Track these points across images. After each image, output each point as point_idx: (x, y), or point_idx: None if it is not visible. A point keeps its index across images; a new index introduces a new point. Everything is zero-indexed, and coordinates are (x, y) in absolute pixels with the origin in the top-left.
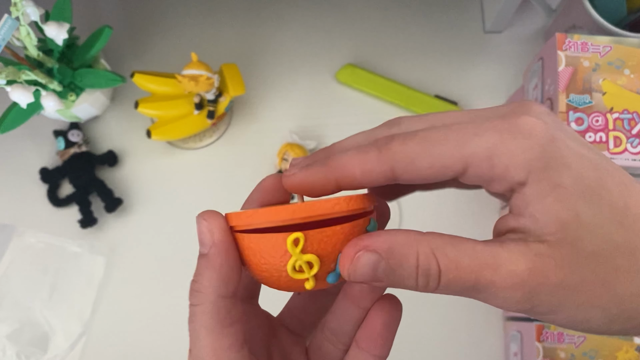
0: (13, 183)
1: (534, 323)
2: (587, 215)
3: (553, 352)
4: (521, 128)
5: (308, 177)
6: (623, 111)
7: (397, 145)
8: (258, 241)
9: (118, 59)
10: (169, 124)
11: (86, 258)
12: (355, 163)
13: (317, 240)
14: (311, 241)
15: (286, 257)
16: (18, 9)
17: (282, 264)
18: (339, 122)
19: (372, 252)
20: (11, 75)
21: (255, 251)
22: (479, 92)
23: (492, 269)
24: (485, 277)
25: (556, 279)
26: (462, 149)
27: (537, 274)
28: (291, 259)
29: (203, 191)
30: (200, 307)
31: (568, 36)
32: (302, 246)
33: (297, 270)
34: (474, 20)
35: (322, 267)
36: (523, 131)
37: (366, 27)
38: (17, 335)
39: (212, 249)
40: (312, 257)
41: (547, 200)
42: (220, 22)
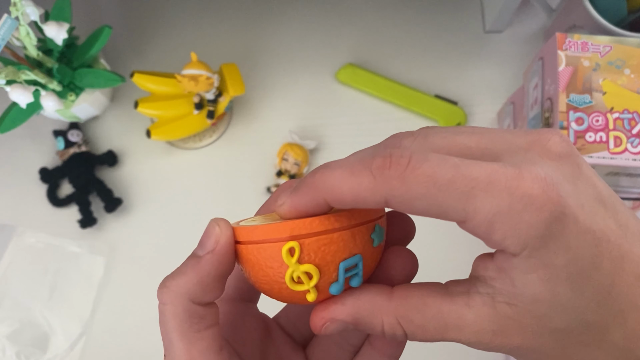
0: (13, 183)
1: None
2: (565, 297)
3: None
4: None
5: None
6: (623, 111)
7: (394, 178)
8: (256, 252)
9: (118, 58)
10: (168, 124)
11: (86, 258)
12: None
13: (314, 249)
14: (308, 250)
15: (284, 268)
16: (18, 8)
17: (281, 275)
18: (339, 122)
19: (339, 322)
20: (11, 75)
21: (254, 263)
22: (479, 91)
23: (457, 330)
24: (451, 336)
25: (518, 342)
26: (466, 203)
27: (500, 335)
28: (288, 270)
29: (203, 191)
30: (170, 308)
31: (568, 36)
32: (298, 256)
33: (296, 282)
34: (474, 20)
35: (322, 277)
36: (535, 203)
37: (366, 27)
38: (17, 335)
39: (209, 255)
40: (311, 267)
41: (531, 276)
42: (220, 22)
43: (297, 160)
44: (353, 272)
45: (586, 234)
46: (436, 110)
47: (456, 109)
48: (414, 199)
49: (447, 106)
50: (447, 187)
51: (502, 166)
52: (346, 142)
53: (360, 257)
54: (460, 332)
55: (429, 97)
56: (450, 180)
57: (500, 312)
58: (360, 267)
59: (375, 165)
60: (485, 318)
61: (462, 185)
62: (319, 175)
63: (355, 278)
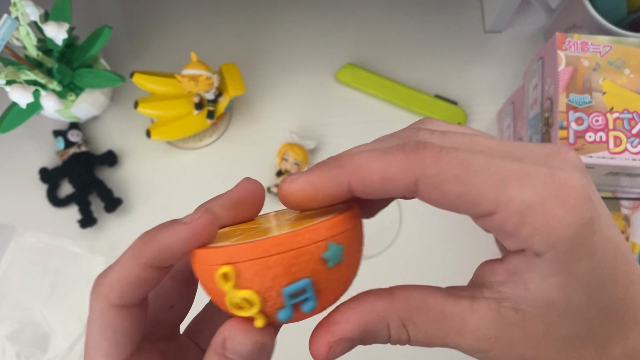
0: (13, 183)
1: None
2: (579, 306)
3: None
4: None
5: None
6: (623, 111)
7: (429, 157)
8: (198, 275)
9: (118, 58)
10: (168, 124)
11: (86, 258)
12: (374, 165)
13: (251, 274)
14: (244, 276)
15: (222, 293)
16: (17, 8)
17: (222, 300)
18: (339, 121)
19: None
20: (11, 75)
21: (201, 282)
22: (479, 91)
23: (459, 335)
24: (452, 341)
25: (520, 351)
26: (500, 191)
27: (503, 342)
28: (226, 296)
29: (203, 191)
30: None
31: (568, 36)
32: (234, 282)
33: (238, 307)
34: (474, 20)
35: (266, 303)
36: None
37: (366, 27)
38: (16, 335)
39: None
40: (249, 294)
41: (550, 280)
42: (220, 22)
43: (297, 160)
44: (302, 297)
45: (609, 242)
46: (436, 110)
47: (456, 109)
48: (447, 180)
49: (447, 106)
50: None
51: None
52: (346, 142)
53: (309, 281)
54: (461, 337)
55: (429, 97)
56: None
57: (505, 317)
58: (311, 291)
59: (409, 145)
60: (489, 323)
61: (496, 173)
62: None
63: (306, 303)
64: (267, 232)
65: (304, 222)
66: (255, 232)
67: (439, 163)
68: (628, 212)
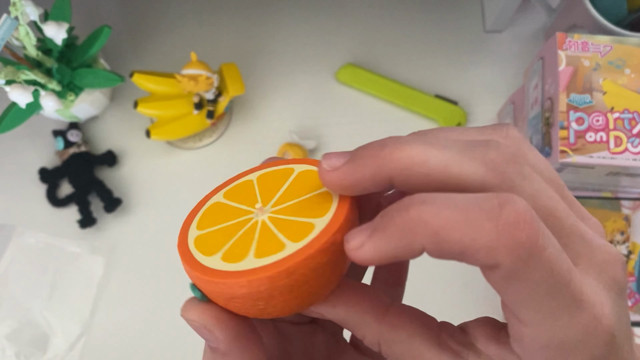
0: (12, 183)
1: None
2: None
3: None
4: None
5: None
6: (624, 111)
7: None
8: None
9: (117, 58)
10: (168, 124)
11: (85, 258)
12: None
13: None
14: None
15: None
16: (17, 8)
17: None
18: (339, 121)
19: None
20: (10, 75)
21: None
22: (479, 91)
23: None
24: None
25: None
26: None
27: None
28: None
29: (202, 191)
30: None
31: (568, 36)
32: None
33: None
34: (475, 20)
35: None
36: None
37: (366, 27)
38: (16, 335)
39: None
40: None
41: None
42: (220, 22)
43: None
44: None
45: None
46: (436, 110)
47: (456, 108)
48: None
49: (447, 106)
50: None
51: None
52: (346, 142)
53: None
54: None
55: (429, 97)
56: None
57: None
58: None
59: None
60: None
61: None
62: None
63: None
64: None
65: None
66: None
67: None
68: (629, 212)
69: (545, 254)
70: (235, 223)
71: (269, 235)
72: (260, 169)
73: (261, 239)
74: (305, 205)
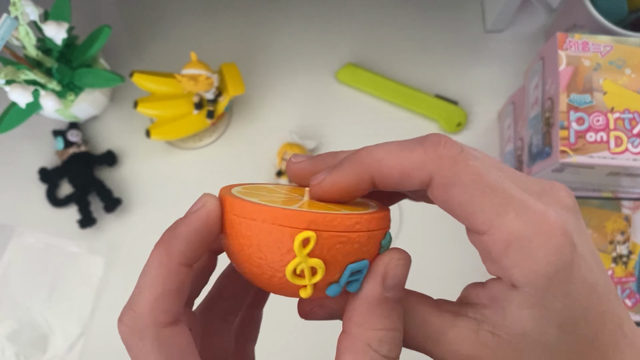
0: (12, 183)
1: None
2: (552, 340)
3: None
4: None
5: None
6: (624, 111)
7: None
8: (259, 231)
9: (117, 58)
10: (168, 124)
11: (85, 258)
12: (394, 160)
13: (329, 245)
14: (322, 245)
15: (289, 257)
16: (17, 8)
17: (282, 263)
18: (339, 121)
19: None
20: (10, 74)
21: (252, 241)
22: (479, 91)
23: (435, 345)
24: (427, 349)
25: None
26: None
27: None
28: (294, 260)
29: (202, 191)
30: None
31: (569, 35)
32: (311, 248)
33: (297, 275)
34: (475, 20)
35: (326, 275)
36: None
37: (366, 27)
38: (16, 335)
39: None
40: (318, 263)
41: (525, 312)
42: (220, 22)
43: None
44: (356, 277)
45: (584, 284)
46: (437, 110)
47: (457, 108)
48: (457, 185)
49: (447, 106)
50: (490, 190)
51: (533, 199)
52: (346, 142)
53: (367, 263)
54: (437, 346)
55: (429, 96)
56: (494, 184)
57: (481, 339)
58: (364, 273)
59: (429, 140)
60: (465, 341)
61: (501, 196)
62: (364, 151)
63: (354, 283)
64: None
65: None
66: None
67: (455, 166)
68: (629, 212)
69: (470, 163)
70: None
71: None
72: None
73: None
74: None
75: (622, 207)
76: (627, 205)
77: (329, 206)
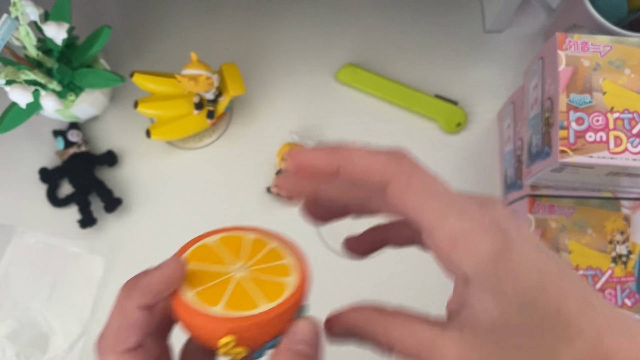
0: (12, 183)
1: (526, 198)
2: (517, 321)
3: (544, 223)
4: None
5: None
6: (623, 111)
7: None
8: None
9: (117, 58)
10: (168, 124)
11: (86, 258)
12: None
13: (248, 337)
14: (242, 338)
15: (217, 344)
16: (17, 8)
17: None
18: (339, 121)
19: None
20: (10, 75)
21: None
22: (479, 91)
23: (429, 351)
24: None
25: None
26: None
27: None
28: (220, 350)
29: (202, 191)
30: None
31: (568, 36)
32: (232, 345)
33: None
34: (474, 20)
35: (249, 352)
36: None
37: (366, 27)
38: (16, 335)
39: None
40: (240, 350)
41: (487, 303)
42: (220, 22)
43: None
44: (269, 346)
45: (531, 267)
46: (436, 110)
47: (456, 108)
48: (411, 191)
49: (447, 106)
50: (437, 197)
51: (473, 206)
52: None
53: (281, 337)
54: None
55: (429, 97)
56: (440, 193)
57: (465, 340)
58: (276, 343)
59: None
60: (452, 345)
61: (446, 202)
62: (342, 145)
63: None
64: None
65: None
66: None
67: (410, 177)
68: (628, 212)
69: (422, 172)
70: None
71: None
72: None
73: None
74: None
75: (622, 207)
76: (626, 205)
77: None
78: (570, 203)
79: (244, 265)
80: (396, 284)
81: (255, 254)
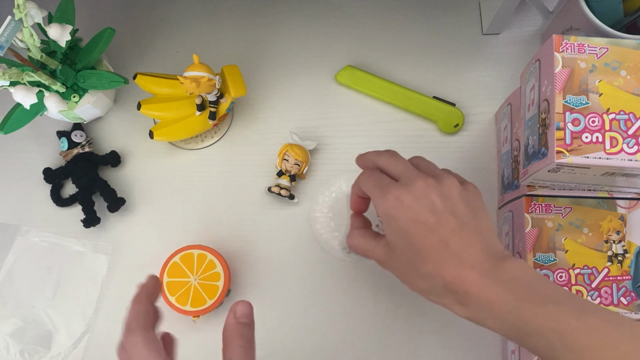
0: (17, 183)
1: (523, 198)
2: (399, 242)
3: (541, 222)
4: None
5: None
6: (619, 112)
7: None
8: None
9: (121, 60)
10: (171, 125)
11: (89, 257)
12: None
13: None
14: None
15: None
16: (21, 10)
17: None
18: (338, 122)
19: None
20: (14, 76)
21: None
22: (476, 93)
23: (370, 251)
24: (366, 254)
25: (390, 261)
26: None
27: (385, 256)
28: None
29: (204, 191)
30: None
31: (565, 38)
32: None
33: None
34: (472, 22)
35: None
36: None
37: (366, 29)
38: (20, 333)
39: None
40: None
41: (387, 231)
42: (222, 24)
43: (298, 161)
44: None
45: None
46: (434, 111)
47: (454, 110)
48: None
49: (445, 107)
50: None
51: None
52: (346, 142)
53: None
54: (371, 252)
55: (427, 98)
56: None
57: (385, 248)
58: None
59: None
60: (382, 248)
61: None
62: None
63: None
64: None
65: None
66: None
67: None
68: (624, 211)
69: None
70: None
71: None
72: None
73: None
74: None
75: (618, 206)
76: (622, 204)
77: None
78: (567, 203)
79: (195, 276)
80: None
81: (200, 266)
